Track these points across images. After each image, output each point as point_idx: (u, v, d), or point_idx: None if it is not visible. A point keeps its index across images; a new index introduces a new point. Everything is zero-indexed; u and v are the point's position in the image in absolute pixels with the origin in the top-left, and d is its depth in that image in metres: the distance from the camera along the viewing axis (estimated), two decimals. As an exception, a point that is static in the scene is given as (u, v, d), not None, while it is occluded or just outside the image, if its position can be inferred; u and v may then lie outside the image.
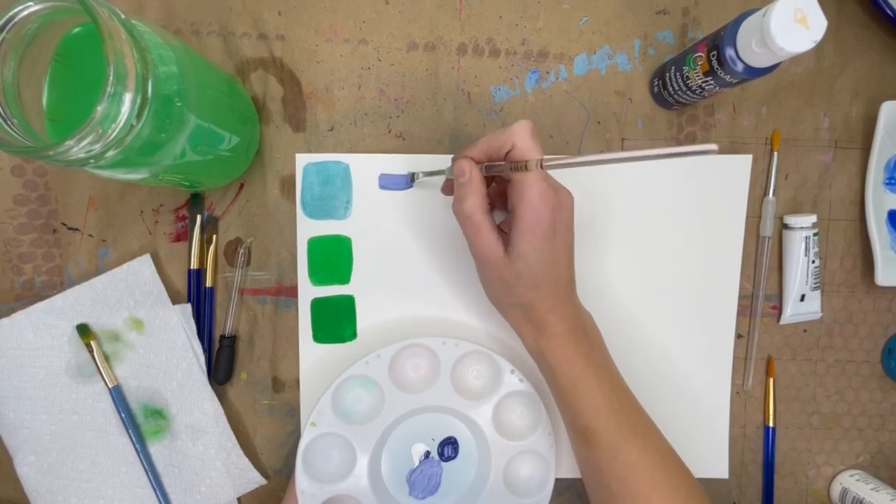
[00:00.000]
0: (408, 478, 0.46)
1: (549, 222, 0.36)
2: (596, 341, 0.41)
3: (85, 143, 0.27)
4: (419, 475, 0.46)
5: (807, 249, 0.47)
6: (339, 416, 0.44)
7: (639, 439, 0.39)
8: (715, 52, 0.37)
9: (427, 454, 0.46)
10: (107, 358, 0.45)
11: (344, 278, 0.47)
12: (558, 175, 0.40)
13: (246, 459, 0.46)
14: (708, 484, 0.50)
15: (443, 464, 0.46)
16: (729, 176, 0.47)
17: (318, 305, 0.47)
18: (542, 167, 0.33)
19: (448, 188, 0.44)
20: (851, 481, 0.49)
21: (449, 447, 0.46)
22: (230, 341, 0.46)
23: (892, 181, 0.48)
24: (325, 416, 0.43)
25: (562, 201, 0.37)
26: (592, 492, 0.42)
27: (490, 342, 0.48)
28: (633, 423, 0.40)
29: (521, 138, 0.35)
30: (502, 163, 0.36)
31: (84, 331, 0.44)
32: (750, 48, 0.35)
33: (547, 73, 0.47)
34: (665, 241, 0.48)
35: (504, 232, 0.39)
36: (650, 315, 0.48)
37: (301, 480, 0.43)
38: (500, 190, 0.42)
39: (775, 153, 0.48)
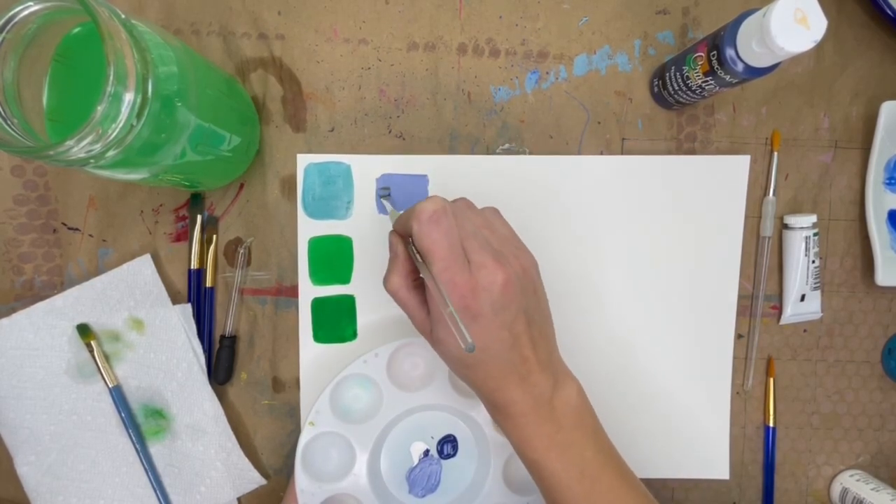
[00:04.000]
0: (407, 476, 0.46)
1: (460, 312, 0.32)
2: (568, 418, 0.36)
3: (85, 143, 0.27)
4: (419, 473, 0.46)
5: (807, 249, 0.47)
6: (338, 416, 0.44)
7: None
8: (715, 52, 0.37)
9: (426, 452, 0.46)
10: (107, 358, 0.45)
11: (344, 278, 0.47)
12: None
13: (246, 459, 0.46)
14: (708, 484, 0.50)
15: (442, 462, 0.46)
16: (727, 176, 0.47)
17: (318, 305, 0.47)
18: (427, 275, 0.32)
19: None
20: (851, 481, 0.49)
21: (448, 445, 0.46)
22: (230, 341, 0.46)
23: (892, 181, 0.48)
24: (324, 416, 0.43)
25: (481, 285, 0.32)
26: None
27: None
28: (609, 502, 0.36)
29: (415, 225, 0.33)
30: (414, 253, 0.34)
31: (84, 331, 0.44)
32: (750, 48, 0.35)
33: (547, 73, 0.47)
34: (664, 242, 0.48)
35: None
36: (650, 316, 0.48)
37: (300, 479, 0.43)
38: None
39: (775, 153, 0.48)
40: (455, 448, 0.46)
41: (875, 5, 0.46)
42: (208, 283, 0.46)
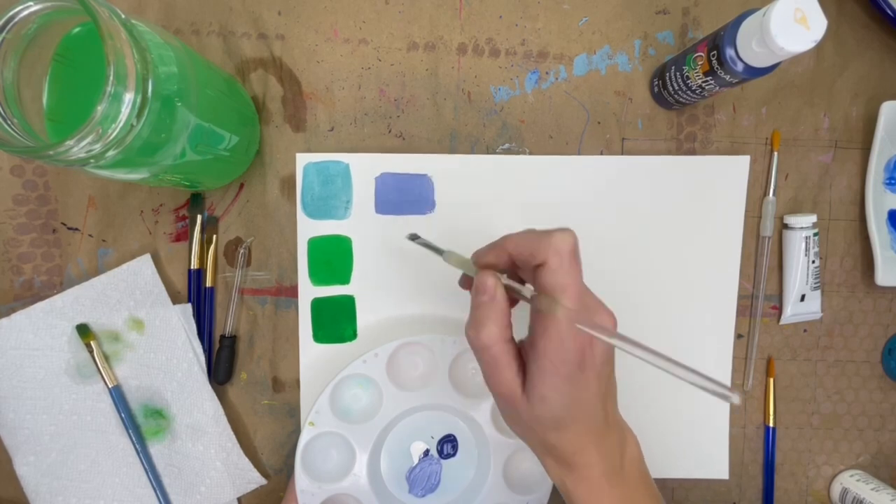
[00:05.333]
0: (407, 476, 0.46)
1: (576, 362, 0.30)
2: (633, 473, 0.34)
3: (85, 143, 0.27)
4: (419, 473, 0.46)
5: (807, 249, 0.47)
6: (338, 416, 0.44)
7: None
8: (715, 52, 0.38)
9: (426, 452, 0.46)
10: (107, 358, 0.45)
11: (344, 278, 0.47)
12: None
13: (246, 459, 0.46)
14: (708, 484, 0.50)
15: (442, 461, 0.46)
16: (727, 177, 0.47)
17: (318, 305, 0.47)
18: (575, 314, 0.28)
19: (468, 283, 0.37)
20: (852, 481, 0.49)
21: (448, 445, 0.46)
22: (230, 341, 0.46)
23: (892, 181, 0.48)
24: (324, 416, 0.43)
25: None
26: None
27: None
28: None
29: (556, 258, 0.29)
30: (526, 288, 0.31)
31: (84, 331, 0.44)
32: (750, 48, 0.35)
33: (547, 73, 0.47)
34: (664, 242, 0.48)
35: (523, 361, 0.32)
36: (650, 315, 0.48)
37: (300, 480, 0.43)
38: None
39: (775, 153, 0.48)
40: (455, 448, 0.46)
41: (875, 5, 0.46)
42: (208, 283, 0.46)
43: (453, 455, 0.46)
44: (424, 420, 0.46)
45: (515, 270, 0.34)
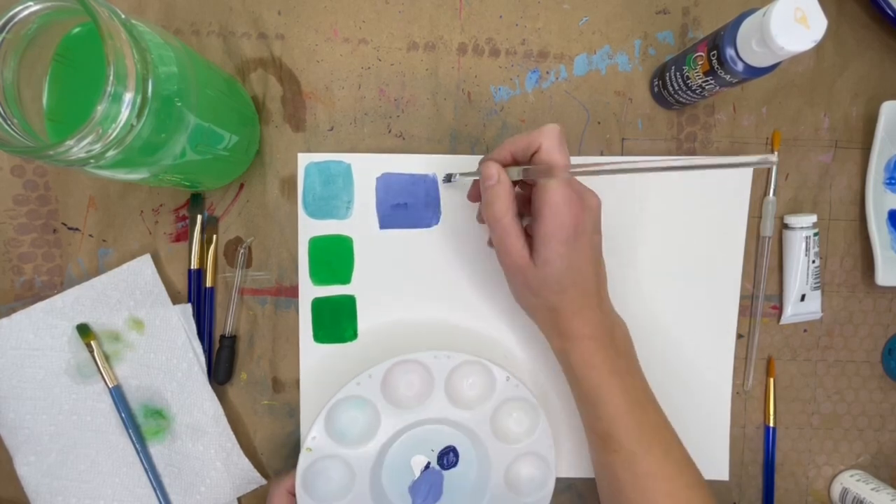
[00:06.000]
0: (410, 489, 0.45)
1: (572, 227, 0.36)
2: (623, 349, 0.41)
3: (85, 143, 0.27)
4: (420, 485, 0.45)
5: (807, 249, 0.47)
6: (335, 439, 0.43)
7: (659, 448, 0.39)
8: (715, 52, 0.37)
9: (427, 465, 0.46)
10: (107, 358, 0.45)
11: (345, 278, 0.47)
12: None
13: (246, 459, 0.46)
14: (708, 484, 0.49)
15: (444, 472, 0.46)
16: (731, 177, 0.47)
17: (318, 305, 0.47)
18: (567, 174, 0.34)
19: (474, 194, 0.44)
20: (852, 481, 0.49)
21: (449, 455, 0.46)
22: (230, 341, 0.46)
23: (892, 181, 0.48)
24: (321, 441, 0.43)
25: (587, 204, 0.38)
26: (606, 497, 0.42)
27: (489, 345, 0.47)
28: (655, 432, 0.40)
29: (548, 140, 0.36)
30: (528, 167, 0.36)
31: (84, 331, 0.44)
32: (750, 48, 0.35)
33: (547, 73, 0.47)
34: (667, 242, 0.48)
35: (529, 236, 0.39)
36: (651, 315, 0.48)
37: (303, 502, 0.43)
38: (526, 195, 0.41)
39: (775, 153, 0.48)
40: (456, 457, 0.46)
41: (875, 5, 0.46)
42: (208, 283, 0.46)
43: (455, 464, 0.46)
44: (423, 434, 0.45)
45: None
